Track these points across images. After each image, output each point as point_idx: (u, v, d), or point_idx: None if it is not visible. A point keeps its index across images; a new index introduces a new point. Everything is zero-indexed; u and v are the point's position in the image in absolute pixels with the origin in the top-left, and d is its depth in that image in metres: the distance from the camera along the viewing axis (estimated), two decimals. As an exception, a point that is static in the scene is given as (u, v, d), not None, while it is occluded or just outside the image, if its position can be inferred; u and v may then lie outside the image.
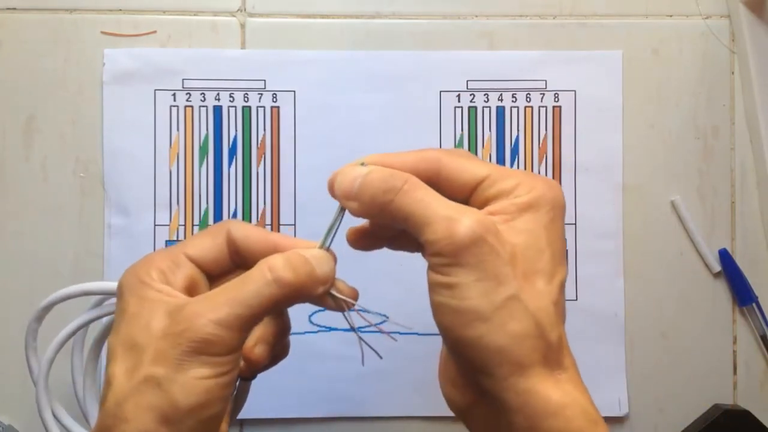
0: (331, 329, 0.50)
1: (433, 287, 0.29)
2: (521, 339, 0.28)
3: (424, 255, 0.30)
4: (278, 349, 0.34)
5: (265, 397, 0.49)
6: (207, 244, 0.32)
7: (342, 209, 0.32)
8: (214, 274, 0.32)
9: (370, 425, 0.50)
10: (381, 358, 0.35)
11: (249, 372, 0.33)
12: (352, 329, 0.33)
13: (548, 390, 0.28)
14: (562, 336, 0.29)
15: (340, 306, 0.32)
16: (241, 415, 0.49)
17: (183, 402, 0.27)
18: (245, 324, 0.29)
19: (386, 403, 0.49)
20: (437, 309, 0.29)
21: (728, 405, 0.50)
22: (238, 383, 0.35)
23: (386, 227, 0.33)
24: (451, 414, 0.32)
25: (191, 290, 0.31)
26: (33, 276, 0.49)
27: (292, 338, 0.36)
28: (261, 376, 0.48)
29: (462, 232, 0.28)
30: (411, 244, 0.33)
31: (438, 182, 0.31)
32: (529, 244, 0.29)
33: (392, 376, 0.49)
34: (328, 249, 0.32)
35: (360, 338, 0.34)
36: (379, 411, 0.50)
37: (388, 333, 0.36)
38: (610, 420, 0.50)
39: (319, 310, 0.49)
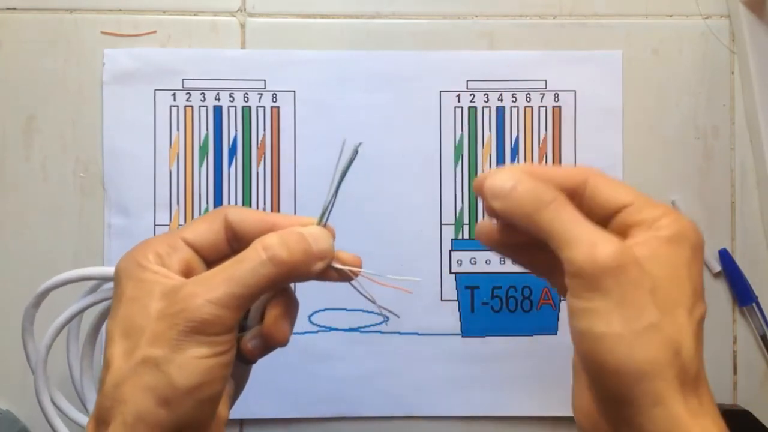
0: (331, 329, 0.50)
1: (574, 313, 0.29)
2: (662, 367, 0.27)
3: (553, 280, 0.30)
4: (293, 323, 0.34)
5: (265, 397, 0.49)
6: (204, 229, 0.32)
7: (336, 189, 0.32)
8: (212, 259, 0.32)
9: (370, 425, 0.50)
10: (398, 316, 0.37)
11: (262, 353, 0.33)
12: (365, 296, 0.33)
13: (688, 421, 0.28)
14: (701, 370, 0.29)
15: (345, 277, 0.32)
16: (241, 415, 0.49)
17: (181, 382, 0.28)
18: (241, 303, 0.29)
19: (386, 403, 0.50)
20: (578, 335, 0.29)
21: (728, 405, 0.50)
22: (237, 366, 0.35)
23: (516, 234, 0.32)
24: (451, 414, 0.32)
25: (188, 274, 0.31)
26: (33, 276, 0.49)
27: (292, 338, 0.36)
28: (261, 376, 0.49)
29: (606, 255, 0.27)
30: (539, 262, 0.33)
31: (582, 199, 0.31)
32: (670, 276, 0.29)
33: (392, 376, 0.49)
34: (325, 225, 0.32)
35: (374, 303, 0.34)
36: (379, 411, 0.50)
37: (388, 312, 0.36)
38: (610, 420, 0.50)
39: (319, 310, 0.49)
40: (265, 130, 0.50)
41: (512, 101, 0.51)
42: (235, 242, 0.32)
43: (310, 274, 0.31)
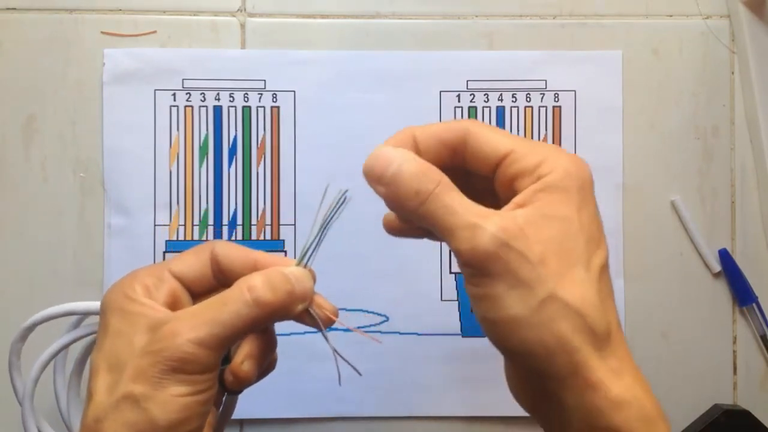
0: (331, 329, 0.49)
1: (473, 301, 0.29)
2: (569, 337, 0.27)
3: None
4: (265, 365, 0.34)
5: (265, 397, 0.49)
6: (191, 261, 0.32)
7: (322, 228, 0.32)
8: (198, 292, 0.33)
9: (370, 425, 0.50)
10: (360, 374, 0.34)
11: (237, 386, 0.33)
12: (332, 349, 0.32)
13: (607, 385, 0.27)
14: (612, 324, 0.28)
15: (318, 323, 0.32)
16: (241, 415, 0.49)
17: (161, 419, 0.28)
18: (223, 343, 0.29)
19: (386, 403, 0.49)
20: (482, 323, 0.29)
21: (728, 405, 0.50)
22: (225, 397, 0.35)
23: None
24: (451, 414, 0.32)
25: (174, 306, 0.31)
26: (33, 276, 0.49)
27: (292, 338, 0.36)
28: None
29: (485, 240, 0.27)
30: None
31: (464, 154, 0.30)
32: (561, 234, 0.28)
33: (392, 376, 0.49)
34: (305, 266, 0.32)
35: (337, 355, 0.33)
36: (379, 411, 0.50)
37: (372, 334, 0.36)
38: (610, 420, 0.50)
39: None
40: (265, 130, 0.50)
41: (512, 101, 0.51)
42: (221, 276, 0.32)
43: (290, 315, 0.31)
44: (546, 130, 0.51)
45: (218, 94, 0.50)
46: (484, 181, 0.31)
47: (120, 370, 0.28)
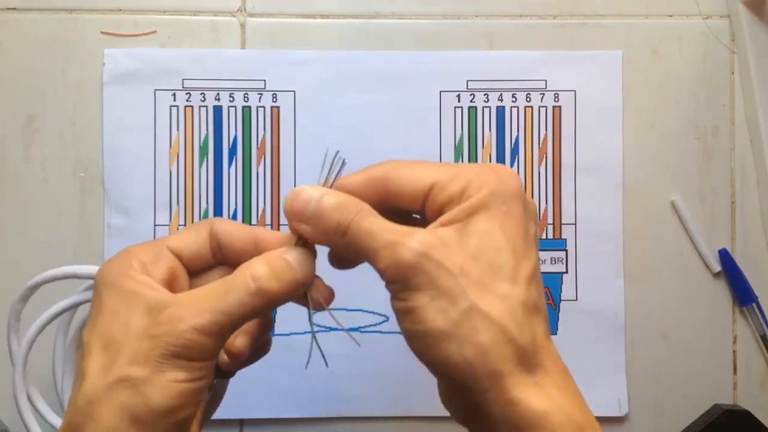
0: (331, 329, 0.50)
1: (398, 316, 0.29)
2: (489, 349, 0.27)
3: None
4: (259, 345, 0.34)
5: (265, 397, 0.49)
6: (190, 238, 0.32)
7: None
8: (196, 269, 0.32)
9: (370, 425, 0.50)
10: (327, 365, 0.34)
11: (231, 366, 0.33)
12: (311, 330, 0.32)
13: (530, 398, 0.27)
14: (538, 336, 0.28)
15: (314, 306, 0.31)
16: (241, 415, 0.49)
17: (157, 404, 0.27)
18: (225, 331, 0.29)
19: (386, 403, 0.49)
20: (406, 337, 0.29)
21: (728, 405, 0.50)
22: (215, 381, 0.35)
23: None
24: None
25: (171, 283, 0.31)
26: (33, 276, 0.49)
27: (292, 338, 0.36)
28: (261, 376, 0.49)
29: (404, 254, 0.27)
30: None
31: (388, 198, 0.30)
32: (483, 246, 0.28)
33: (392, 376, 0.49)
34: (306, 243, 0.31)
35: (314, 341, 0.32)
36: (379, 411, 0.50)
37: (350, 332, 0.36)
38: (610, 420, 0.50)
39: (315, 312, 0.49)
40: (265, 130, 0.50)
41: (512, 101, 0.51)
42: (220, 253, 0.32)
43: (290, 300, 0.31)
44: (546, 130, 0.51)
45: (218, 94, 0.50)
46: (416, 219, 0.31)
47: (115, 352, 0.28)
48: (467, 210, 0.28)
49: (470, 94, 0.50)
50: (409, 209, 0.30)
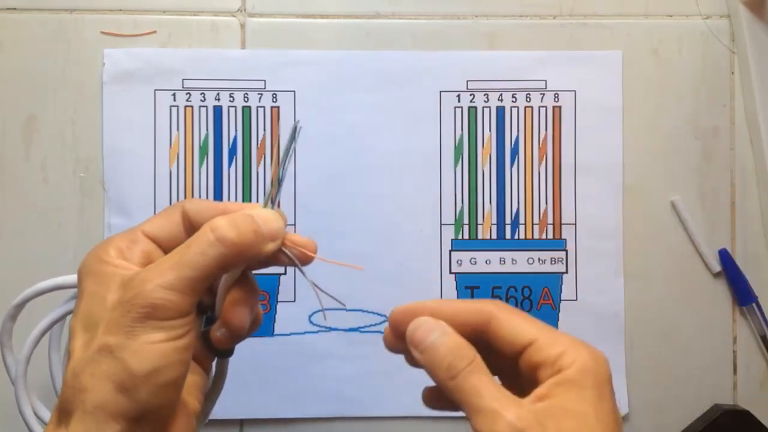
0: (331, 329, 0.50)
1: None
2: None
3: None
4: (251, 317, 0.34)
5: (265, 397, 0.49)
6: (163, 221, 0.33)
7: (282, 166, 0.33)
8: (172, 250, 0.33)
9: (370, 425, 0.50)
10: (344, 305, 0.35)
11: (229, 342, 0.33)
12: (310, 283, 0.33)
13: None
14: None
15: (293, 260, 0.32)
16: (241, 415, 0.49)
17: (137, 368, 0.28)
18: (194, 286, 0.29)
19: (386, 403, 0.49)
20: None
21: (728, 405, 0.50)
22: (215, 362, 0.35)
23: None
24: (451, 414, 0.32)
25: (148, 265, 0.31)
26: (33, 276, 0.49)
27: (292, 338, 0.36)
28: (261, 376, 0.49)
29: (501, 427, 0.28)
30: None
31: (488, 337, 0.31)
32: (577, 428, 0.28)
33: (392, 376, 0.49)
34: (276, 209, 0.32)
35: (316, 287, 0.33)
36: (379, 411, 0.50)
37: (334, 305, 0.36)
38: (610, 420, 0.50)
39: (319, 311, 0.49)
40: (265, 130, 0.50)
41: (512, 101, 0.51)
42: (193, 232, 0.32)
43: (261, 254, 0.31)
44: (546, 130, 0.51)
45: (218, 94, 0.50)
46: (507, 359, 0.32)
47: (95, 327, 0.29)
48: (562, 384, 0.29)
49: (470, 94, 0.50)
50: (502, 352, 0.31)
